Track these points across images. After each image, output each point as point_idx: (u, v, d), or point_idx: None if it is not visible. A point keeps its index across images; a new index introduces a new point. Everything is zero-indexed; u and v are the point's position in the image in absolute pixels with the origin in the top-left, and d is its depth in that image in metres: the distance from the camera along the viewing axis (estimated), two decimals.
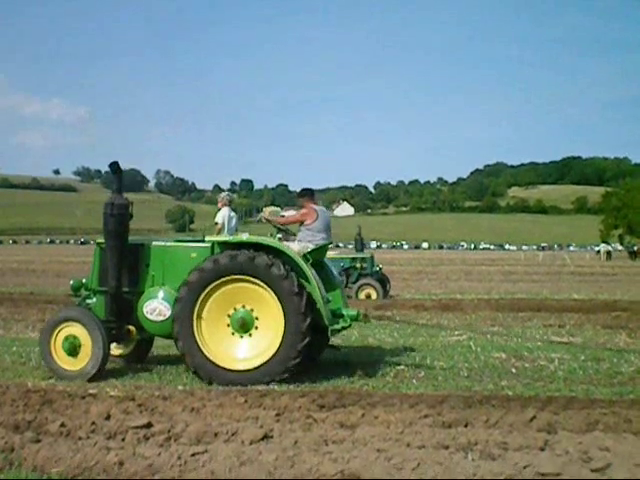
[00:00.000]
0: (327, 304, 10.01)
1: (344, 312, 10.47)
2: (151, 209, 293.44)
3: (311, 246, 10.81)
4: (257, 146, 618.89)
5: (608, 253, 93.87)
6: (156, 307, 10.04)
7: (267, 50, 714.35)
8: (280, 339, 9.39)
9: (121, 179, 10.60)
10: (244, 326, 9.64)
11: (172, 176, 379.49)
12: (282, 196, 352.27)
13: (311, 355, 10.30)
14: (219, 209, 16.08)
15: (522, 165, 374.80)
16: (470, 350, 12.24)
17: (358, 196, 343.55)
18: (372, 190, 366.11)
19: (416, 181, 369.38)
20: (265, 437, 6.22)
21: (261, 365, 9.41)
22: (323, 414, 7.10)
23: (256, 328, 9.65)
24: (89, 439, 6.24)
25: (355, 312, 10.50)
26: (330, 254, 28.34)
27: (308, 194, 11.77)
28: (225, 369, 9.48)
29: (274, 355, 9.39)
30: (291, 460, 5.55)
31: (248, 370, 9.43)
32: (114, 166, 10.41)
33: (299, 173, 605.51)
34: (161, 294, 10.09)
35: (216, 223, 15.92)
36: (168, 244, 10.66)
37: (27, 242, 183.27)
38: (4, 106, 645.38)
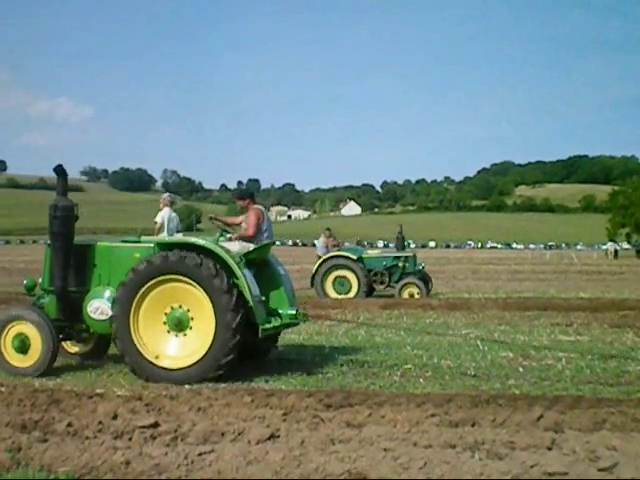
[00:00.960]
0: (260, 303, 10.15)
1: (281, 311, 10.68)
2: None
3: (252, 245, 10.99)
4: (264, 145, 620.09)
5: (615, 252, 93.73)
6: (99, 306, 10.29)
7: (274, 49, 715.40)
8: (212, 337, 9.56)
9: (66, 181, 10.74)
10: (179, 325, 9.84)
11: (179, 176, 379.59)
12: (289, 195, 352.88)
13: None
14: (160, 209, 16.56)
15: (529, 164, 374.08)
16: (477, 349, 12.23)
17: (365, 195, 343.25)
18: (379, 189, 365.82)
19: (423, 180, 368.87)
20: (272, 437, 6.22)
21: (195, 363, 9.60)
22: (330, 413, 7.10)
23: (190, 328, 9.84)
24: (96, 439, 6.25)
25: (294, 311, 10.70)
26: (372, 253, 28.40)
27: (250, 195, 11.91)
28: (162, 367, 9.67)
29: (207, 353, 9.57)
30: (298, 459, 5.55)
31: (183, 368, 9.62)
32: (58, 169, 10.58)
33: (306, 172, 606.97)
34: (105, 293, 10.33)
35: (155, 222, 16.52)
36: (113, 244, 10.86)
37: (34, 242, 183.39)
38: (11, 106, 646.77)
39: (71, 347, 11.43)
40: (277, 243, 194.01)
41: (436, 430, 6.40)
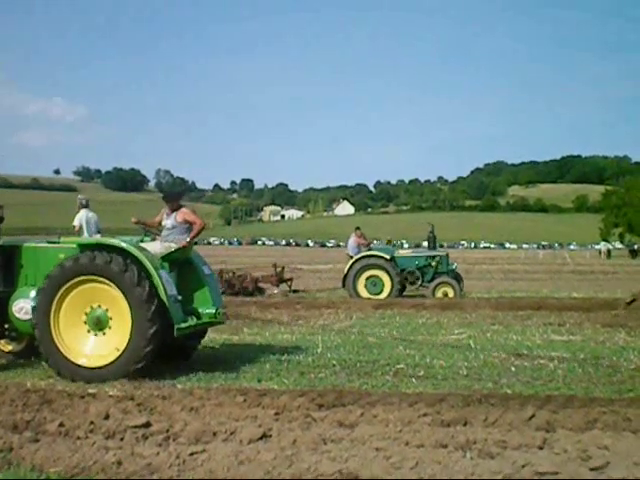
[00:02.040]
0: (176, 302, 10.21)
1: (201, 311, 10.83)
2: (151, 208, 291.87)
3: (174, 245, 11.08)
4: (257, 145, 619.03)
5: (608, 251, 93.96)
6: (23, 306, 10.45)
7: (267, 49, 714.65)
8: (130, 331, 9.73)
9: None
10: (99, 324, 10.00)
11: (172, 175, 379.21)
12: (282, 195, 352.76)
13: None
14: (77, 212, 17.09)
15: (522, 164, 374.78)
16: (470, 349, 12.25)
17: (358, 195, 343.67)
18: (372, 189, 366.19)
19: (416, 180, 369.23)
20: (264, 436, 6.22)
21: (117, 358, 9.76)
22: (322, 413, 7.10)
23: (110, 327, 10.00)
24: (88, 439, 6.25)
25: (212, 311, 10.85)
26: (403, 252, 28.28)
27: (178, 197, 12.07)
28: (85, 367, 9.81)
29: (127, 346, 9.73)
30: (289, 459, 5.55)
31: (106, 365, 9.76)
32: None
33: (299, 172, 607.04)
34: (31, 294, 10.44)
35: (74, 226, 16.91)
36: (39, 245, 11.01)
37: None
38: (4, 106, 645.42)
39: (5, 346, 11.58)
40: (270, 243, 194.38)
41: (428, 429, 6.40)
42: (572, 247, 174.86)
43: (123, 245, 10.07)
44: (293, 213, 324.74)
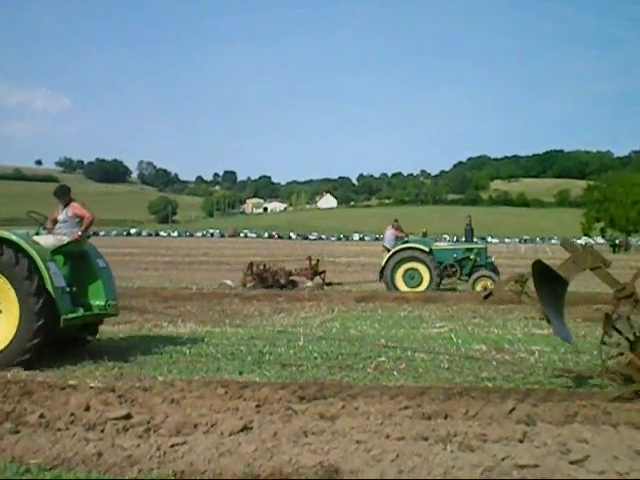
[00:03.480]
0: (65, 293, 10.35)
1: (91, 302, 11.07)
2: (134, 200, 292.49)
3: (66, 239, 11.28)
4: (240, 138, 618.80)
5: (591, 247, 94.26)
6: None
7: (252, 42, 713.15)
8: (17, 323, 9.88)
9: None
10: None
11: (155, 167, 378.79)
12: (265, 188, 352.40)
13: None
14: None
15: (505, 158, 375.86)
16: (451, 342, 12.28)
17: (341, 188, 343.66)
18: (355, 182, 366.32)
19: (399, 174, 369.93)
20: (245, 428, 6.22)
21: (4, 349, 9.88)
22: (303, 406, 7.11)
23: None
24: (68, 430, 6.23)
25: (102, 303, 11.10)
26: (441, 245, 28.01)
27: (67, 192, 12.26)
28: None
29: (14, 338, 9.87)
30: (270, 451, 5.55)
31: None
32: None
33: (282, 165, 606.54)
34: None
35: None
36: None
37: None
38: None
39: None
40: (253, 235, 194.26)
41: (409, 422, 6.42)
42: (554, 242, 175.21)
43: (13, 238, 10.13)
44: (276, 206, 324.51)
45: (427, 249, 24.97)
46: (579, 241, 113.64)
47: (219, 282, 24.76)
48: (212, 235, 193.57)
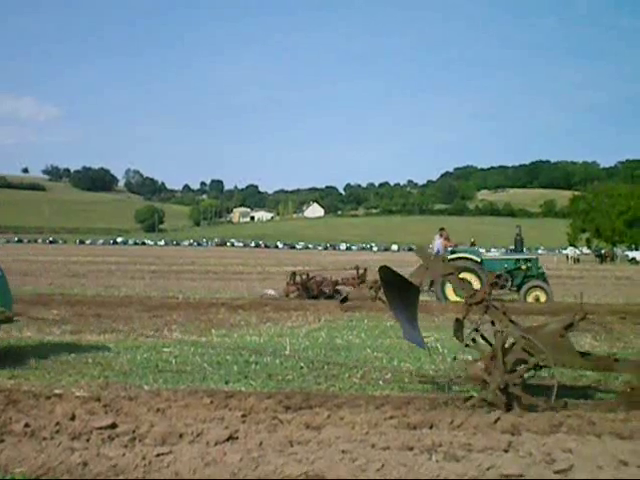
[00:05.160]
0: None
1: None
2: (120, 209, 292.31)
3: None
4: (228, 147, 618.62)
5: (577, 258, 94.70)
6: None
7: (239, 50, 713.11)
8: None
9: None
10: None
11: (142, 176, 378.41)
12: (252, 197, 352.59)
13: None
14: None
15: (491, 168, 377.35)
16: (437, 352, 12.29)
17: (328, 198, 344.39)
18: (342, 192, 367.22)
19: (386, 183, 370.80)
20: (230, 438, 6.21)
21: None
22: (289, 415, 7.12)
23: None
24: (53, 439, 6.21)
25: None
26: (491, 255, 27.71)
27: None
28: None
29: None
30: (256, 461, 5.55)
31: None
32: None
33: (269, 174, 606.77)
34: None
35: None
36: None
37: None
38: None
39: None
40: (239, 244, 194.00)
41: (394, 432, 6.43)
42: (540, 252, 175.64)
43: None
44: (263, 215, 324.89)
45: (479, 259, 24.79)
46: (565, 251, 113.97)
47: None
48: (199, 244, 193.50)
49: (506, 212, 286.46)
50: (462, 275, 23.96)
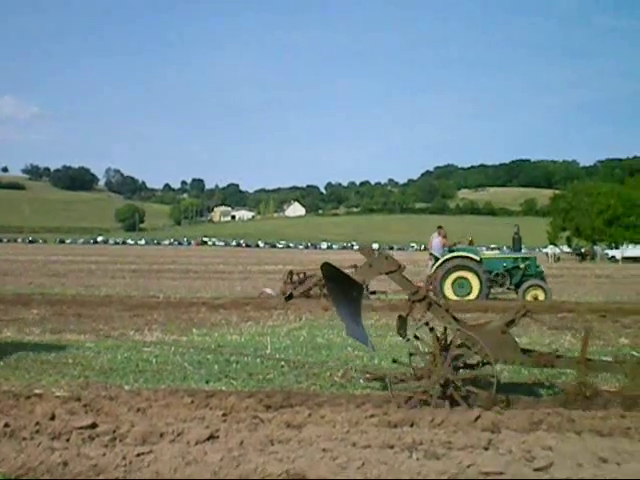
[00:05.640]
0: None
1: None
2: (101, 208, 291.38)
3: None
4: (208, 146, 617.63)
5: (558, 258, 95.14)
6: None
7: (220, 49, 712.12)
8: None
9: None
10: None
11: (122, 174, 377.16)
12: (233, 196, 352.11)
13: None
14: None
15: (472, 167, 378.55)
16: (418, 350, 12.30)
17: (309, 196, 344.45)
18: (323, 191, 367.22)
19: (367, 182, 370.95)
20: (211, 437, 6.21)
21: None
22: (270, 414, 7.11)
23: None
24: (33, 439, 6.18)
25: None
26: (490, 254, 27.67)
27: None
28: None
29: None
30: (236, 460, 5.55)
31: None
32: None
33: (250, 173, 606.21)
34: None
35: None
36: None
37: None
38: None
39: None
40: (220, 244, 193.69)
41: (375, 430, 6.44)
42: (522, 250, 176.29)
43: None
44: (244, 214, 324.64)
45: (478, 258, 24.78)
46: (545, 250, 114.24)
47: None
48: (180, 243, 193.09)
49: (487, 211, 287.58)
50: (460, 273, 24.05)
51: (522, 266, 25.26)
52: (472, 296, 24.08)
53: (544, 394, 9.06)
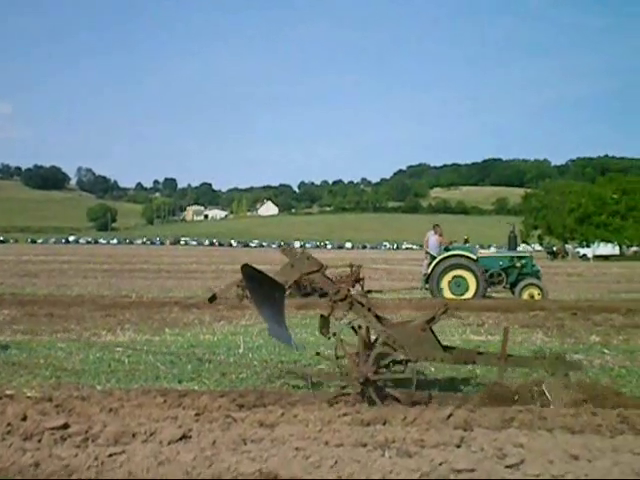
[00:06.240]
0: None
1: None
2: (72, 207, 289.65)
3: None
4: (181, 144, 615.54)
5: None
6: None
7: (192, 46, 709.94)
8: None
9: None
10: None
11: (94, 174, 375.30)
12: (206, 195, 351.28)
13: None
14: None
15: (444, 166, 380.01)
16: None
17: (282, 196, 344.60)
18: (296, 190, 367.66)
19: (340, 181, 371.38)
20: (184, 437, 6.19)
21: None
22: (242, 413, 7.11)
23: None
24: (4, 440, 6.14)
25: None
26: (486, 252, 27.63)
27: None
28: None
29: None
30: (209, 460, 5.54)
31: None
32: None
33: (223, 172, 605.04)
34: None
35: None
36: None
37: None
38: None
39: None
40: (193, 243, 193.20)
41: (347, 429, 6.45)
42: (492, 249, 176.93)
43: None
44: (216, 213, 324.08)
45: (475, 257, 24.83)
46: (520, 248, 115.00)
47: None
48: (152, 243, 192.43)
49: (459, 210, 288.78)
50: (458, 272, 24.09)
51: (518, 265, 25.30)
52: (469, 295, 24.16)
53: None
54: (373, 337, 8.54)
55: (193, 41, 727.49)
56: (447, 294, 24.26)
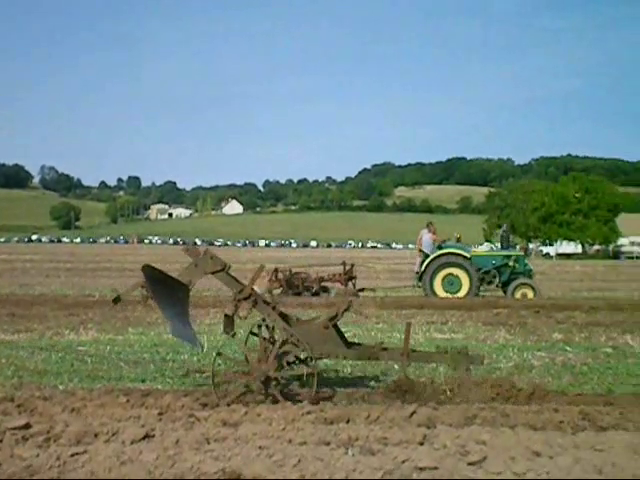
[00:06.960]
0: None
1: None
2: (35, 206, 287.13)
3: None
4: (145, 142, 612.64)
5: None
6: None
7: (157, 43, 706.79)
8: None
9: None
10: None
11: (57, 172, 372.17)
12: (170, 193, 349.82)
13: None
14: None
15: (409, 165, 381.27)
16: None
17: (247, 194, 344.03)
18: (261, 188, 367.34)
19: (305, 180, 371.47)
20: (146, 436, 6.17)
21: None
22: (206, 413, 7.10)
23: None
24: None
25: None
26: (479, 251, 27.54)
27: None
28: None
29: None
30: (172, 459, 5.53)
31: None
32: None
33: (187, 170, 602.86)
34: None
35: None
36: None
37: None
38: None
39: None
40: (158, 242, 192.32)
41: (311, 427, 6.47)
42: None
43: None
44: (181, 212, 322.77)
45: (468, 255, 24.83)
46: (481, 247, 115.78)
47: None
48: (116, 242, 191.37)
49: (423, 208, 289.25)
50: (451, 270, 24.13)
51: (511, 264, 25.24)
52: (462, 293, 24.18)
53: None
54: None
55: (159, 39, 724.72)
56: (440, 292, 24.32)
